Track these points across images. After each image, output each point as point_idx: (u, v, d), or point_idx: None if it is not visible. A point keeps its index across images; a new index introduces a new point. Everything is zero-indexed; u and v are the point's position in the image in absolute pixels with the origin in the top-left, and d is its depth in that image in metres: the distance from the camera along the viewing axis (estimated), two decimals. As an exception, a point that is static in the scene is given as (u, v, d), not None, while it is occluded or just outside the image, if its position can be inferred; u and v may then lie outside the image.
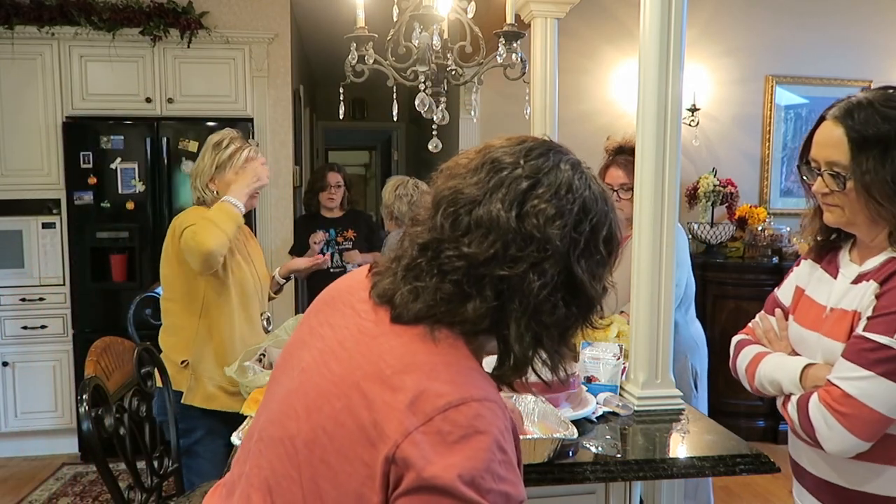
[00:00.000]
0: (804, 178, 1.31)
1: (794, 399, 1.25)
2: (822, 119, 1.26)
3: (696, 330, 2.44)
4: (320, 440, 0.80)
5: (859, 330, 1.18)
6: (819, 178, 1.25)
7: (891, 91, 1.22)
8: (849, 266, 1.29)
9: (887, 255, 1.22)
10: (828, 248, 1.36)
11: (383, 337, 0.85)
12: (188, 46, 3.76)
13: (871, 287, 1.21)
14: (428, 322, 0.84)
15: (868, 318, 1.18)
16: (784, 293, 1.44)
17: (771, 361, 1.34)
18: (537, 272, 0.83)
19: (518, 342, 0.86)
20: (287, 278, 2.48)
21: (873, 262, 1.24)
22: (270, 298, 2.46)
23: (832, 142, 1.22)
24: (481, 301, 0.83)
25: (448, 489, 0.73)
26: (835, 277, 1.31)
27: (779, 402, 1.31)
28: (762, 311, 1.47)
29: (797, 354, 1.34)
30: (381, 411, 0.77)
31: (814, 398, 1.20)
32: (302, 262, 2.46)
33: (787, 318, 1.40)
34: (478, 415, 0.77)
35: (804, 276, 1.40)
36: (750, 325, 1.48)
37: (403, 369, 0.80)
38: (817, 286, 1.35)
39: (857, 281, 1.25)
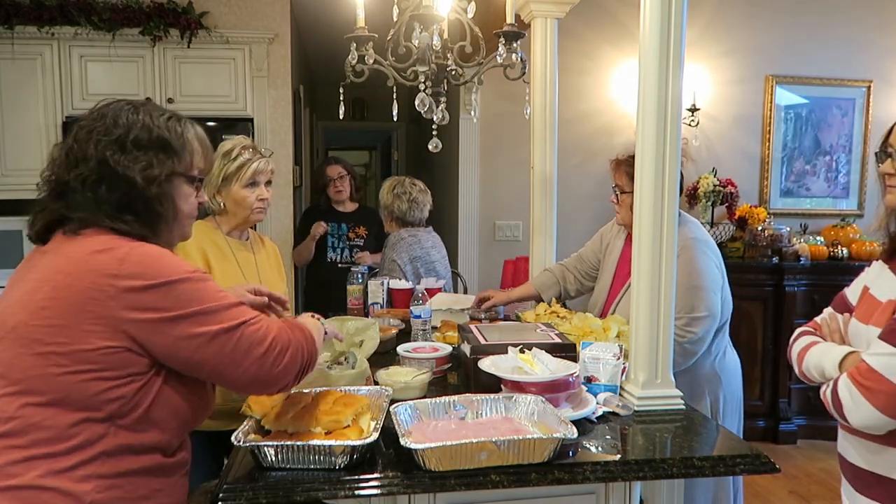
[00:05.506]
0: (879, 163, 1.40)
1: (830, 382, 1.33)
2: None
3: (720, 361, 2.23)
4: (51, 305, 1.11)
5: None
6: (889, 158, 1.35)
7: None
8: None
9: None
10: None
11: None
12: (188, 46, 3.75)
13: None
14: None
15: None
16: (852, 292, 1.50)
17: (819, 349, 1.42)
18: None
19: None
20: None
21: None
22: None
23: None
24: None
25: (162, 279, 1.13)
26: None
27: (822, 391, 1.36)
28: (830, 308, 1.53)
29: None
30: (89, 276, 1.11)
31: (843, 376, 1.29)
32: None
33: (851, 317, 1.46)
34: (152, 246, 1.19)
35: (872, 276, 1.45)
36: (817, 319, 1.53)
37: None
38: (882, 284, 1.40)
39: None
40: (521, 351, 1.69)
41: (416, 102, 2.04)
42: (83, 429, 1.11)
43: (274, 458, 1.30)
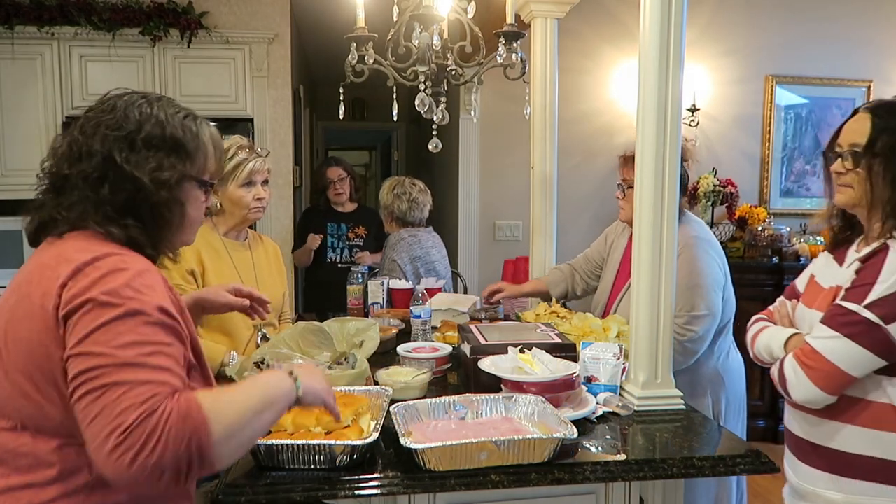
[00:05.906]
0: (828, 163, 1.49)
1: (778, 361, 1.45)
2: (855, 112, 1.46)
3: (724, 362, 2.22)
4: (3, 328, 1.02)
5: (837, 300, 1.38)
6: (839, 158, 1.44)
7: None
8: (853, 255, 1.47)
9: (880, 242, 1.39)
10: (843, 242, 1.53)
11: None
12: (188, 46, 3.76)
13: (854, 265, 1.41)
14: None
15: (845, 290, 1.38)
16: (801, 281, 1.61)
17: (768, 332, 1.54)
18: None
19: None
20: None
21: (867, 249, 1.41)
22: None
23: (858, 127, 1.42)
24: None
25: (91, 299, 0.96)
26: (841, 265, 1.49)
27: (771, 370, 1.47)
28: (782, 297, 1.64)
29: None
30: (46, 283, 1.00)
31: (789, 356, 1.42)
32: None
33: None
34: (120, 259, 1.03)
35: (819, 266, 1.58)
36: (770, 307, 1.64)
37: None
38: (826, 272, 1.52)
39: (851, 265, 1.44)
40: (521, 351, 1.69)
41: (416, 102, 2.04)
42: (63, 456, 1.00)
43: (274, 458, 1.30)
